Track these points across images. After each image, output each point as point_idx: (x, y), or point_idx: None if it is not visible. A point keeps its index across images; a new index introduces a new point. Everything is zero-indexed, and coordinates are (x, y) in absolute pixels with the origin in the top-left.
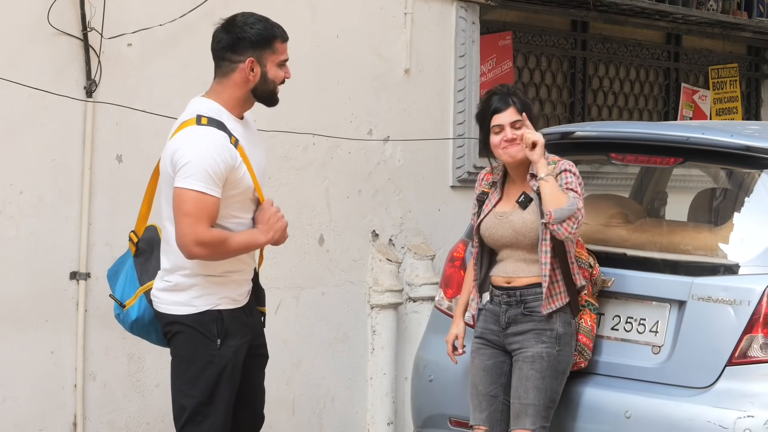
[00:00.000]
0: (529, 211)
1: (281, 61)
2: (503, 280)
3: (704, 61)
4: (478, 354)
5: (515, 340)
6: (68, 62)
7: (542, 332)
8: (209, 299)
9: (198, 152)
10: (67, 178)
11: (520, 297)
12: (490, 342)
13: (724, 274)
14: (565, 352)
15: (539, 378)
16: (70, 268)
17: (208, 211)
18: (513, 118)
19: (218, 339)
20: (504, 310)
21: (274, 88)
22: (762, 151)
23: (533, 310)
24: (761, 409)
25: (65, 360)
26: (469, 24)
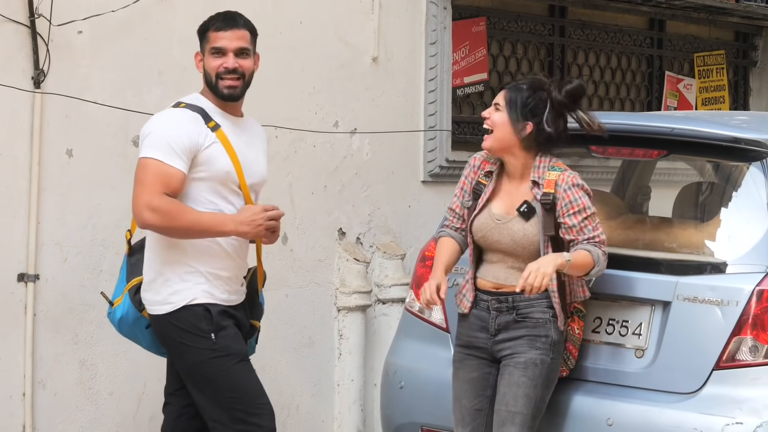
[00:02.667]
0: (531, 222)
1: (212, 49)
2: (491, 285)
3: (689, 47)
4: (462, 365)
5: (506, 346)
6: (15, 51)
7: (536, 338)
8: (187, 294)
9: (160, 125)
10: (15, 174)
11: (512, 303)
12: (475, 351)
13: (711, 273)
14: (556, 361)
15: (531, 386)
16: (17, 270)
17: (164, 179)
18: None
19: (211, 334)
20: (494, 317)
21: (210, 79)
22: (750, 143)
23: (527, 316)
24: (750, 416)
25: (12, 367)
26: (440, 9)
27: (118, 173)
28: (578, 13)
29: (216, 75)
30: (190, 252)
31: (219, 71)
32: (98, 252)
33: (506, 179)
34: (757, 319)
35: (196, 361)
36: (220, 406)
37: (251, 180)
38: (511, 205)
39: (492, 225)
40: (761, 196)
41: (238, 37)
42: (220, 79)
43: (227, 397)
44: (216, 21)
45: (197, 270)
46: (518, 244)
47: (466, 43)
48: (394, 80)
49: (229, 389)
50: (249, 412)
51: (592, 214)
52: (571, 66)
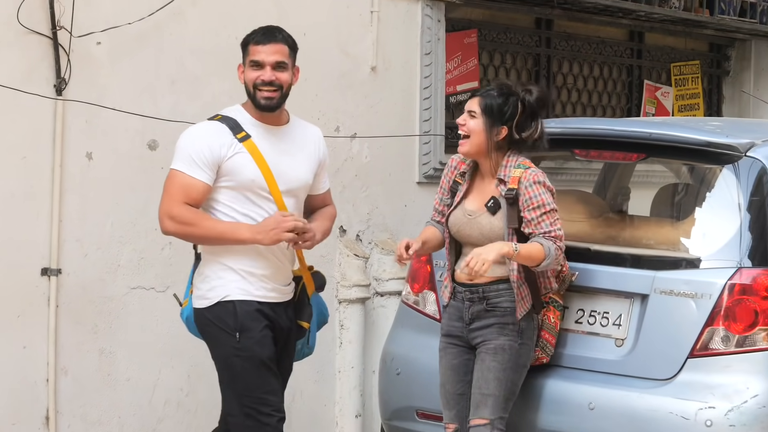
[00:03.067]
0: (497, 216)
1: (251, 62)
2: (466, 277)
3: (666, 58)
4: (445, 353)
5: (479, 334)
6: (38, 61)
7: (505, 326)
8: (220, 290)
9: (187, 138)
10: (38, 176)
11: (483, 294)
12: (455, 339)
13: (686, 268)
14: (526, 346)
15: (500, 369)
16: (41, 265)
17: (185, 189)
18: (471, 108)
19: (236, 332)
20: (467, 307)
21: (249, 89)
22: (723, 147)
23: (496, 306)
24: (722, 400)
25: (37, 355)
26: (434, 22)
27: (135, 175)
28: (563, 25)
29: (254, 86)
30: (226, 251)
31: (256, 83)
32: (116, 248)
33: (479, 178)
34: (729, 311)
35: (220, 355)
36: (235, 401)
37: (287, 186)
38: (482, 202)
39: (464, 220)
40: (733, 196)
41: (276, 51)
42: (257, 90)
43: (243, 394)
44: (256, 35)
45: (231, 268)
46: (486, 237)
47: (458, 54)
48: (392, 88)
49: (245, 388)
50: (261, 412)
51: (551, 210)
52: (556, 75)
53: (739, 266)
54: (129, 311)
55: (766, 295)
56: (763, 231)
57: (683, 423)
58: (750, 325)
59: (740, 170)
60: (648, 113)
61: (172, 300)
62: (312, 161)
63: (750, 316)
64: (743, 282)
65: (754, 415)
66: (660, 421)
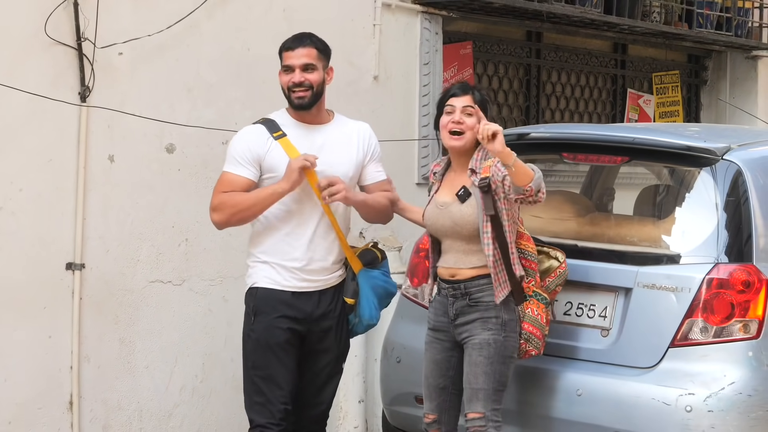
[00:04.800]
0: (467, 204)
1: (284, 67)
2: (447, 273)
3: (648, 68)
4: (430, 347)
5: (464, 329)
6: (64, 70)
7: (488, 320)
8: (251, 278)
9: (232, 143)
10: (63, 177)
11: (465, 290)
12: (440, 334)
13: (667, 263)
14: (510, 338)
15: (487, 363)
16: (66, 260)
17: (227, 184)
18: (466, 104)
19: (252, 315)
20: (451, 303)
21: (285, 92)
22: (701, 150)
23: (478, 301)
24: (701, 387)
25: (62, 344)
26: (432, 34)
27: (153, 176)
28: (552, 38)
29: (288, 89)
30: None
31: (289, 85)
32: (136, 244)
33: (451, 173)
34: (707, 303)
35: (243, 333)
36: (245, 376)
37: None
38: (453, 192)
39: (437, 212)
40: (711, 196)
41: (304, 54)
42: (291, 92)
43: (249, 372)
44: (288, 42)
45: (263, 261)
46: (457, 224)
47: (455, 64)
48: (393, 96)
49: (252, 366)
50: (258, 393)
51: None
52: (545, 84)
53: (717, 262)
54: (148, 303)
55: (742, 289)
56: (738, 229)
57: (665, 408)
58: (727, 317)
59: (717, 172)
60: (631, 119)
61: (188, 293)
62: (354, 155)
63: (727, 308)
64: (720, 276)
65: (731, 401)
66: (643, 407)
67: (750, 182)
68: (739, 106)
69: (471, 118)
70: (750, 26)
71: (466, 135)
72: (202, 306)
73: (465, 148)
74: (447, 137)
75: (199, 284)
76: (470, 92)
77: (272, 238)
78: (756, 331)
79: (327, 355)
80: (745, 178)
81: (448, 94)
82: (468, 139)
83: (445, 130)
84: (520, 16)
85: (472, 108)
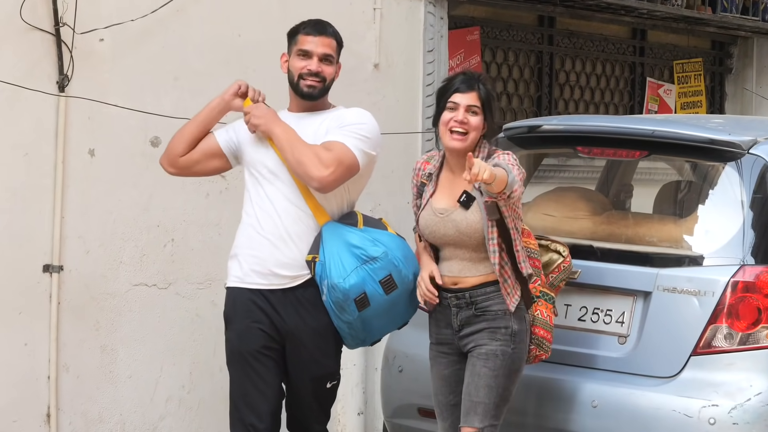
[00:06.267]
0: (472, 210)
1: (299, 51)
2: (450, 281)
3: (669, 55)
4: (435, 362)
5: (470, 339)
6: (41, 57)
7: (497, 330)
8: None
9: None
10: (40, 172)
11: (470, 298)
12: (445, 347)
13: (689, 265)
14: (519, 350)
15: (492, 376)
16: (43, 261)
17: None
18: (471, 102)
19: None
20: (455, 313)
21: (293, 78)
22: (726, 144)
23: (486, 310)
24: (725, 398)
25: (39, 352)
26: (437, 19)
27: (137, 171)
28: (566, 23)
29: (299, 75)
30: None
31: (302, 72)
32: (118, 245)
33: (448, 175)
34: (732, 308)
35: None
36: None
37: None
38: (452, 198)
39: (436, 219)
40: (736, 193)
41: (325, 44)
42: (302, 79)
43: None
44: (307, 26)
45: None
46: (463, 233)
47: (461, 51)
48: (395, 85)
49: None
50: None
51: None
52: (558, 72)
53: (742, 263)
54: (131, 308)
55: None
56: (766, 228)
57: (686, 421)
58: (753, 323)
59: (743, 167)
60: (650, 111)
61: (174, 297)
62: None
63: (753, 313)
64: (746, 279)
65: (757, 413)
66: (663, 419)
67: None
68: (767, 96)
69: (476, 117)
70: None
71: (469, 135)
72: (190, 311)
73: (469, 147)
74: (448, 137)
75: (186, 288)
76: (476, 88)
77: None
78: None
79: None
80: None
81: (451, 88)
82: (471, 139)
83: (447, 128)
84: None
85: (477, 107)
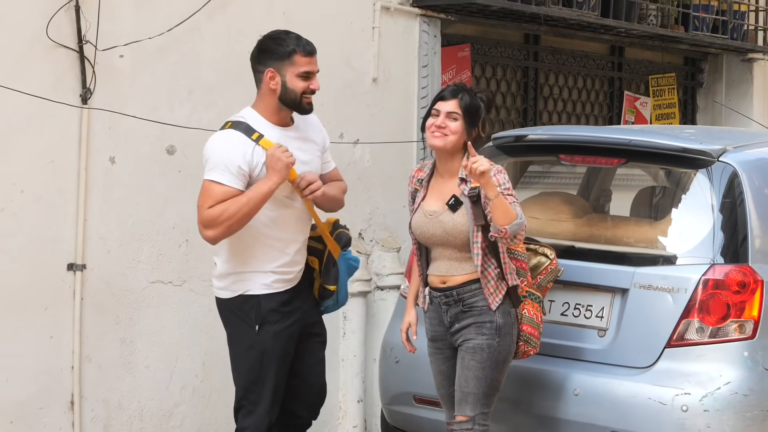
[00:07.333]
0: (459, 213)
1: (301, 73)
2: (438, 280)
3: (645, 70)
4: (434, 358)
5: (460, 335)
6: (65, 72)
7: (482, 325)
8: (242, 285)
9: (214, 149)
10: (65, 178)
11: (457, 296)
12: (440, 344)
13: (664, 264)
14: (505, 342)
15: (479, 368)
16: (67, 260)
17: (214, 198)
18: (451, 109)
19: (256, 325)
20: (445, 311)
21: (295, 97)
22: (697, 152)
23: (472, 306)
24: (697, 387)
25: (63, 344)
26: (431, 37)
27: (154, 177)
28: (550, 40)
29: (302, 94)
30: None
31: (306, 91)
32: (136, 245)
33: (437, 180)
34: (703, 304)
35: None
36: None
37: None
38: (442, 201)
39: (426, 221)
40: (707, 198)
41: (316, 61)
42: (304, 97)
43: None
44: (298, 45)
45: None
46: (449, 233)
47: (453, 66)
48: (392, 98)
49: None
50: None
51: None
52: (543, 86)
53: (713, 263)
54: (148, 303)
55: (738, 290)
56: (734, 230)
57: (661, 408)
58: (722, 318)
59: (713, 174)
60: (628, 121)
61: (188, 293)
62: (318, 147)
63: (722, 309)
64: (716, 277)
65: (726, 401)
66: (639, 406)
67: (746, 184)
68: (735, 108)
69: (456, 122)
70: (746, 29)
71: (448, 137)
72: (203, 306)
73: (447, 148)
74: (429, 137)
75: (199, 285)
76: (458, 96)
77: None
78: (751, 331)
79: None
80: (740, 179)
81: (438, 96)
82: (450, 140)
83: (428, 132)
84: (518, 19)
85: (458, 114)
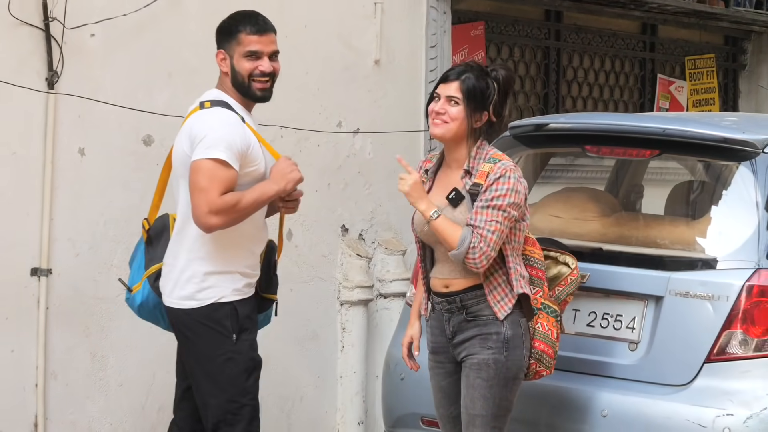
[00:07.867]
0: (460, 210)
1: (246, 52)
2: (441, 284)
3: (680, 51)
4: (433, 373)
5: (463, 348)
6: (29, 53)
7: (488, 337)
8: (213, 292)
9: (214, 126)
10: (28, 172)
11: (461, 303)
12: (441, 356)
13: (702, 268)
14: (514, 356)
15: (486, 387)
16: (31, 264)
17: (222, 180)
18: (450, 93)
19: (233, 334)
20: (447, 319)
21: (242, 80)
22: (740, 143)
23: (477, 315)
24: (741, 407)
25: (26, 359)
26: (440, 14)
27: (129, 171)
28: (573, 17)
29: (249, 77)
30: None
31: (254, 74)
32: (109, 247)
33: (445, 171)
34: (747, 313)
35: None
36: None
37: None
38: (443, 195)
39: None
40: (750, 194)
41: (272, 41)
42: (253, 81)
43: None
44: (246, 23)
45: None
46: None
47: (465, 47)
48: (396, 82)
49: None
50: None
51: (494, 207)
52: (566, 69)
53: (758, 267)
54: (122, 313)
55: None
56: None
57: (700, 431)
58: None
59: (758, 167)
60: (662, 108)
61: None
62: None
63: None
64: (762, 283)
65: None
66: (675, 429)
67: None
68: None
69: (456, 107)
70: None
71: (449, 124)
72: None
73: (447, 137)
74: (430, 124)
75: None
76: (461, 78)
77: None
78: None
79: None
80: None
81: (441, 77)
82: (450, 128)
83: (430, 118)
84: None
85: (458, 98)
